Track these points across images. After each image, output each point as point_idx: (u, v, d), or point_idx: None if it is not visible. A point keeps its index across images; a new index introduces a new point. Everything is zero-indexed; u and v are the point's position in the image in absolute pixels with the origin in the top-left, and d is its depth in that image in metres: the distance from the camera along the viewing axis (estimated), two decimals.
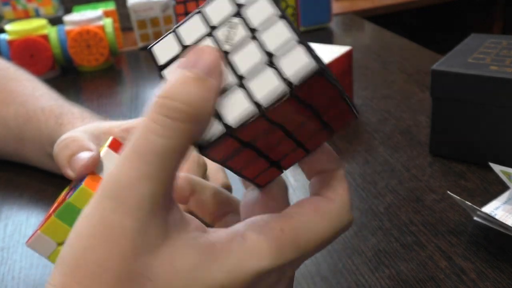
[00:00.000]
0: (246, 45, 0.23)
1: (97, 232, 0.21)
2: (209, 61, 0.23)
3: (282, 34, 0.22)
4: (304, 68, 0.21)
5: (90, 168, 0.36)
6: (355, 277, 0.38)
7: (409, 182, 0.49)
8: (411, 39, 0.89)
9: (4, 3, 1.13)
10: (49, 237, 0.34)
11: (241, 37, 0.23)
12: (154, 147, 0.21)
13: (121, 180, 0.21)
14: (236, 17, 0.23)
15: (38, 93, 0.56)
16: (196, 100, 0.22)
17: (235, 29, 0.23)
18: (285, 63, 0.22)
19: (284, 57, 0.22)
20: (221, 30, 0.24)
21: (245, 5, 0.23)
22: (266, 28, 0.23)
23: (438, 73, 0.48)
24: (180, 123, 0.21)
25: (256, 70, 0.22)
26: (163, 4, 0.98)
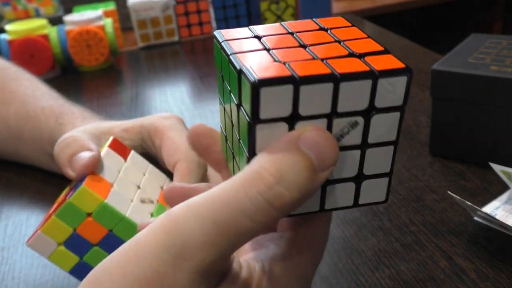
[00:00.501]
0: (351, 152, 0.22)
1: (145, 280, 0.20)
2: (330, 156, 0.21)
3: (383, 160, 0.22)
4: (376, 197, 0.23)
5: (91, 168, 0.36)
6: (355, 277, 0.38)
7: (409, 182, 0.49)
8: (411, 39, 0.89)
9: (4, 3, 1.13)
10: (49, 237, 0.34)
11: (351, 141, 0.22)
12: (235, 225, 0.20)
13: (188, 240, 0.20)
14: (363, 116, 0.21)
15: (38, 93, 0.56)
16: (302, 190, 0.20)
17: (354, 130, 0.21)
18: (366, 184, 0.23)
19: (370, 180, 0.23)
20: (340, 122, 0.21)
21: (378, 111, 0.21)
22: (376, 146, 0.22)
23: (438, 73, 0.48)
24: (276, 212, 0.20)
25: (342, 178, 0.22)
26: (163, 4, 0.98)
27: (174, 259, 0.20)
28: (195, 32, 1.02)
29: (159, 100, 0.76)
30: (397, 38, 0.92)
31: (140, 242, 0.21)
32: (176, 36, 1.01)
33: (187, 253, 0.20)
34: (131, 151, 0.41)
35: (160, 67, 0.90)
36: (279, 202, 0.20)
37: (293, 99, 0.20)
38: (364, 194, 0.23)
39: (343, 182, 0.23)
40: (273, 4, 0.97)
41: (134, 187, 0.38)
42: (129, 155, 0.40)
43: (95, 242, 0.35)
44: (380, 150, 0.22)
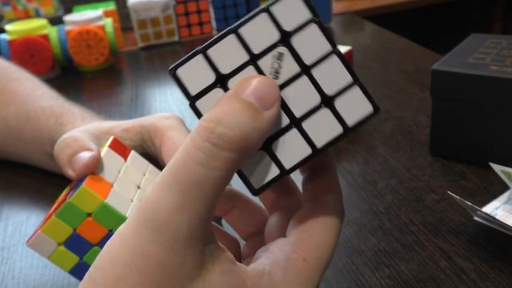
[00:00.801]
0: (298, 81, 0.22)
1: (132, 262, 0.20)
2: (268, 92, 0.21)
3: (337, 73, 0.21)
4: (361, 111, 0.22)
5: (91, 168, 0.36)
6: (355, 277, 0.39)
7: (409, 182, 0.49)
8: (411, 39, 0.89)
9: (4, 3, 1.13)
10: (50, 237, 0.34)
11: (290, 72, 0.22)
12: (195, 177, 0.20)
13: (159, 210, 0.20)
14: (282, 45, 0.22)
15: (38, 93, 0.56)
16: (248, 132, 0.20)
17: (282, 61, 0.22)
18: (341, 104, 0.22)
19: (340, 98, 0.22)
20: (265, 60, 0.22)
21: (292, 33, 0.22)
22: (318, 63, 0.22)
23: (438, 73, 0.48)
24: (227, 153, 0.20)
25: (311, 109, 0.22)
26: (163, 4, 0.98)
27: (153, 233, 0.20)
28: (195, 32, 1.02)
29: (159, 100, 0.76)
30: (397, 38, 0.92)
31: (121, 230, 0.21)
32: (176, 36, 1.01)
33: (162, 222, 0.20)
34: (131, 151, 0.41)
35: (160, 67, 0.90)
36: (224, 142, 0.20)
37: (209, 65, 0.21)
38: (346, 114, 0.22)
39: (316, 112, 0.22)
40: None
41: (134, 187, 0.38)
42: (129, 155, 0.40)
43: (95, 242, 0.35)
44: (326, 65, 0.22)
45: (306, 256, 0.24)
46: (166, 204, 0.20)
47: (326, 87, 0.22)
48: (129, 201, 0.36)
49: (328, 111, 0.22)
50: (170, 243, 0.20)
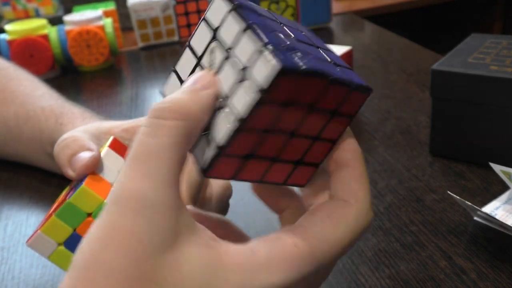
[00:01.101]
0: (223, 66, 0.24)
1: (106, 235, 0.21)
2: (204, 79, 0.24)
3: (248, 45, 0.23)
4: (267, 71, 0.22)
5: (91, 168, 0.36)
6: (355, 277, 0.38)
7: (409, 182, 0.49)
8: (411, 39, 0.89)
9: (4, 3, 1.13)
10: (49, 237, 0.34)
11: (219, 60, 0.24)
12: (147, 147, 0.22)
13: (124, 184, 0.22)
14: (214, 41, 0.25)
15: (38, 93, 0.56)
16: (184, 101, 0.23)
17: (214, 54, 0.24)
18: (255, 72, 0.22)
19: (253, 67, 0.23)
20: (205, 58, 0.25)
21: (219, 27, 0.24)
22: (236, 44, 0.24)
23: (438, 73, 0.48)
24: (168, 121, 0.22)
25: (234, 87, 0.23)
26: (163, 4, 0.98)
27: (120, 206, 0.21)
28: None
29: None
30: (397, 38, 0.92)
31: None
32: (176, 36, 1.01)
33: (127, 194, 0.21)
34: None
35: (160, 67, 0.90)
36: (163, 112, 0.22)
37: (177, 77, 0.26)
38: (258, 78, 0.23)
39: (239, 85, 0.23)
40: (273, 4, 0.97)
41: None
42: None
43: None
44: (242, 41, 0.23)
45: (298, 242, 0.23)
46: (130, 178, 0.22)
47: (244, 61, 0.23)
48: None
49: (245, 83, 0.23)
50: (138, 211, 0.21)
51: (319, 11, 0.99)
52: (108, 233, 0.21)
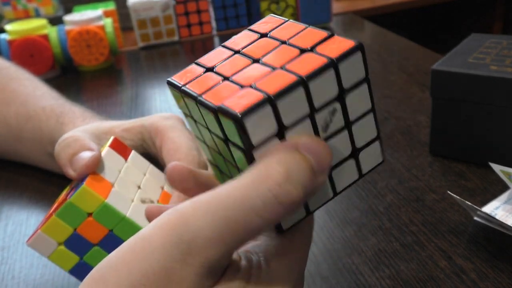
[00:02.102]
0: (340, 135, 0.23)
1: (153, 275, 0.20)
2: (326, 158, 0.22)
3: (369, 129, 0.24)
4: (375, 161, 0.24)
5: (92, 168, 0.36)
6: (355, 277, 0.39)
7: (409, 182, 0.49)
8: (411, 39, 0.89)
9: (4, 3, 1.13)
10: (50, 237, 0.34)
11: (336, 126, 0.23)
12: (248, 225, 0.20)
13: (198, 236, 0.20)
14: (338, 101, 0.22)
15: (38, 93, 0.56)
16: (305, 193, 0.21)
17: (334, 116, 0.23)
18: (363, 155, 0.24)
19: (365, 150, 0.24)
20: (321, 114, 0.22)
21: (348, 91, 0.23)
22: (358, 120, 0.23)
23: (438, 73, 0.48)
24: (282, 209, 0.20)
25: (342, 159, 0.24)
26: (163, 4, 0.98)
27: (182, 254, 0.20)
28: (195, 32, 1.02)
29: (159, 100, 0.76)
30: (397, 38, 0.92)
31: (147, 238, 0.21)
32: (176, 36, 1.01)
33: (196, 249, 0.20)
34: (131, 151, 0.41)
35: (160, 67, 0.90)
36: (286, 199, 0.20)
37: (275, 115, 0.21)
38: (364, 164, 0.24)
39: (343, 163, 0.24)
40: (273, 4, 0.97)
41: (135, 187, 0.38)
42: (130, 155, 0.40)
43: (95, 242, 0.35)
44: (363, 122, 0.23)
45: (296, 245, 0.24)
46: (206, 234, 0.20)
47: (358, 141, 0.24)
48: (130, 201, 0.36)
49: (353, 161, 0.24)
50: (198, 269, 0.20)
51: (319, 11, 0.99)
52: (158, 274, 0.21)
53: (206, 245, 0.20)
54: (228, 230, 0.20)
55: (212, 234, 0.20)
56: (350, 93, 0.23)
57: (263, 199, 0.20)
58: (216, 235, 0.20)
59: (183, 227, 0.20)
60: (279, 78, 0.21)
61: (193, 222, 0.20)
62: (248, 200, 0.20)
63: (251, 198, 0.20)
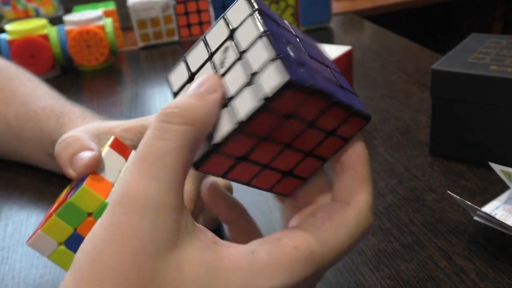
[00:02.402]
0: (234, 66, 0.24)
1: (108, 235, 0.21)
2: (210, 82, 0.24)
3: (262, 52, 0.23)
4: (275, 81, 0.22)
5: (92, 168, 0.36)
6: (355, 277, 0.39)
7: (409, 182, 0.49)
8: (411, 39, 0.89)
9: (4, 3, 1.13)
10: (50, 237, 0.34)
11: (231, 60, 0.24)
12: (153, 149, 0.22)
13: (129, 184, 0.22)
14: (229, 40, 0.25)
15: (38, 93, 0.56)
16: (193, 108, 0.23)
17: (227, 53, 0.25)
18: (262, 79, 0.23)
19: (262, 74, 0.23)
20: (217, 55, 0.25)
21: (237, 28, 0.25)
22: (250, 48, 0.24)
23: (438, 73, 0.48)
24: (176, 126, 0.22)
25: (240, 90, 0.24)
26: (163, 4, 0.98)
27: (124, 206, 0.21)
28: (195, 32, 1.02)
29: (159, 100, 0.76)
30: (397, 38, 0.92)
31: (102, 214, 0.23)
32: (176, 36, 1.01)
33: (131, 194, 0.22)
34: (132, 151, 0.41)
35: (160, 67, 0.90)
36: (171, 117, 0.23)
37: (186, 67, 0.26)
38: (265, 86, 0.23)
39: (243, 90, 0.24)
40: (273, 4, 0.97)
41: None
42: (130, 155, 0.40)
43: None
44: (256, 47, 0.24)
45: (299, 245, 0.23)
46: (133, 178, 0.22)
47: (253, 67, 0.24)
48: None
49: (251, 87, 0.23)
50: (141, 212, 0.21)
51: (319, 11, 0.99)
52: (111, 232, 0.21)
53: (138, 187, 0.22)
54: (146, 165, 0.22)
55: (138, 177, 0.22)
56: (238, 29, 0.25)
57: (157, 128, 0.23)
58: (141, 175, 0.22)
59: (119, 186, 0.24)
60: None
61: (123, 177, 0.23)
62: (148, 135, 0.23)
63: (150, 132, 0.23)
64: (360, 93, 0.70)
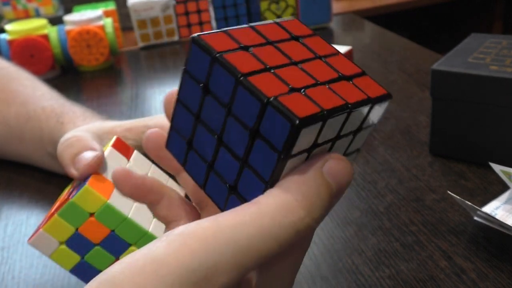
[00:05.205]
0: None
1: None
2: (347, 182, 0.22)
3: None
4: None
5: (94, 168, 0.36)
6: (355, 277, 0.39)
7: (409, 182, 0.49)
8: (411, 39, 0.89)
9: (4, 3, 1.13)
10: (51, 236, 0.34)
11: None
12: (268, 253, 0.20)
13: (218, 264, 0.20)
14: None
15: (38, 93, 0.56)
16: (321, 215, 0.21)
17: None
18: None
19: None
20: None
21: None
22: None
23: (438, 73, 0.48)
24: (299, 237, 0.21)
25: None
26: (164, 4, 0.98)
27: (199, 281, 0.19)
28: (195, 32, 1.02)
29: (159, 100, 0.76)
30: (397, 38, 0.92)
31: (159, 259, 0.19)
32: (176, 36, 1.01)
33: (215, 275, 0.19)
34: (134, 151, 0.41)
35: (160, 67, 0.90)
36: (305, 230, 0.21)
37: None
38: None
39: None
40: (273, 4, 0.97)
41: None
42: (132, 155, 0.40)
43: (96, 242, 0.35)
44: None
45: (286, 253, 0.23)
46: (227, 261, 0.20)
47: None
48: (132, 202, 0.36)
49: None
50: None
51: (319, 11, 0.99)
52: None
53: (225, 271, 0.20)
54: (249, 258, 0.20)
55: (233, 260, 0.20)
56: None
57: (284, 231, 0.20)
58: (236, 261, 0.20)
59: (204, 253, 0.19)
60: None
61: (214, 248, 0.20)
62: (271, 230, 0.20)
63: (274, 228, 0.20)
64: None
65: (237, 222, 0.20)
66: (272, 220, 0.20)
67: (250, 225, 0.20)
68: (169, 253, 0.19)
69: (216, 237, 0.20)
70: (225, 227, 0.20)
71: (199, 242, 0.19)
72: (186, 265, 0.19)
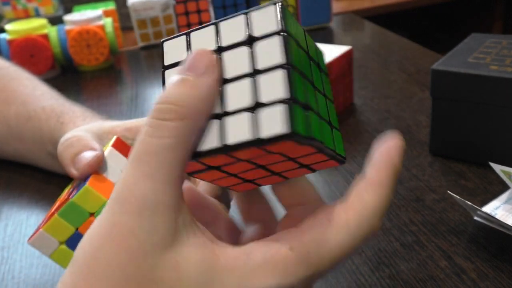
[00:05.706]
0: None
1: (106, 233, 0.21)
2: (202, 63, 0.23)
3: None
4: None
5: (94, 168, 0.36)
6: (355, 277, 0.39)
7: (409, 182, 0.49)
8: (411, 39, 0.89)
9: (4, 3, 1.13)
10: (51, 236, 0.34)
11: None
12: (148, 147, 0.22)
13: (126, 183, 0.22)
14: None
15: (38, 92, 0.56)
16: (186, 100, 0.22)
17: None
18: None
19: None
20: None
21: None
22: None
23: (438, 73, 0.48)
24: (170, 123, 0.22)
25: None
26: (163, 4, 0.98)
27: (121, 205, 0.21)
28: None
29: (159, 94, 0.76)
30: (397, 38, 0.92)
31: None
32: None
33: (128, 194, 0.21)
34: None
35: (160, 67, 0.90)
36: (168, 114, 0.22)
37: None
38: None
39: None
40: None
41: None
42: None
43: None
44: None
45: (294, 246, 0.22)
46: (130, 177, 0.22)
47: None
48: None
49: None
50: (138, 211, 0.21)
51: (319, 11, 0.99)
52: (109, 231, 0.21)
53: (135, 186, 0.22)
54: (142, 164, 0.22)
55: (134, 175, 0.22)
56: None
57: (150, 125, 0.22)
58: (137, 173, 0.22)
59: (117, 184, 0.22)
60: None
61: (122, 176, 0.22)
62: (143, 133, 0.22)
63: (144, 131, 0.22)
64: (360, 93, 0.70)
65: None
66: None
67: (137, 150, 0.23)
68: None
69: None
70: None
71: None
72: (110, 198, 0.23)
